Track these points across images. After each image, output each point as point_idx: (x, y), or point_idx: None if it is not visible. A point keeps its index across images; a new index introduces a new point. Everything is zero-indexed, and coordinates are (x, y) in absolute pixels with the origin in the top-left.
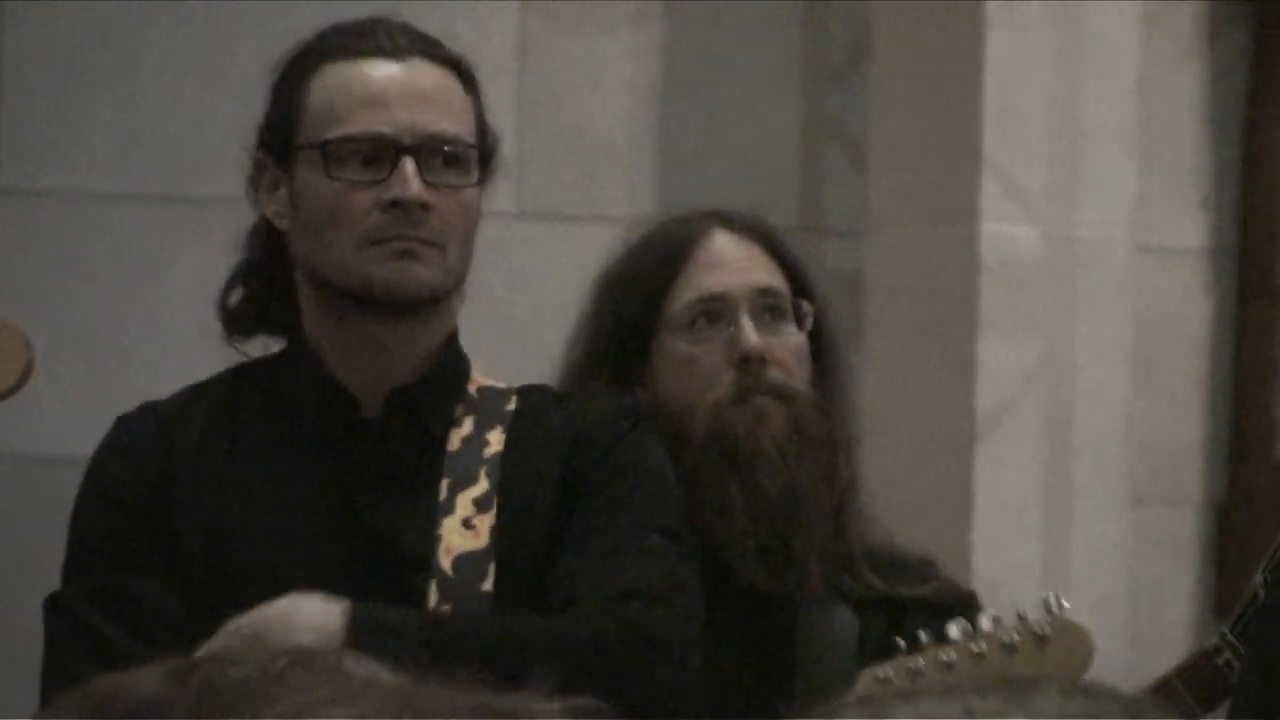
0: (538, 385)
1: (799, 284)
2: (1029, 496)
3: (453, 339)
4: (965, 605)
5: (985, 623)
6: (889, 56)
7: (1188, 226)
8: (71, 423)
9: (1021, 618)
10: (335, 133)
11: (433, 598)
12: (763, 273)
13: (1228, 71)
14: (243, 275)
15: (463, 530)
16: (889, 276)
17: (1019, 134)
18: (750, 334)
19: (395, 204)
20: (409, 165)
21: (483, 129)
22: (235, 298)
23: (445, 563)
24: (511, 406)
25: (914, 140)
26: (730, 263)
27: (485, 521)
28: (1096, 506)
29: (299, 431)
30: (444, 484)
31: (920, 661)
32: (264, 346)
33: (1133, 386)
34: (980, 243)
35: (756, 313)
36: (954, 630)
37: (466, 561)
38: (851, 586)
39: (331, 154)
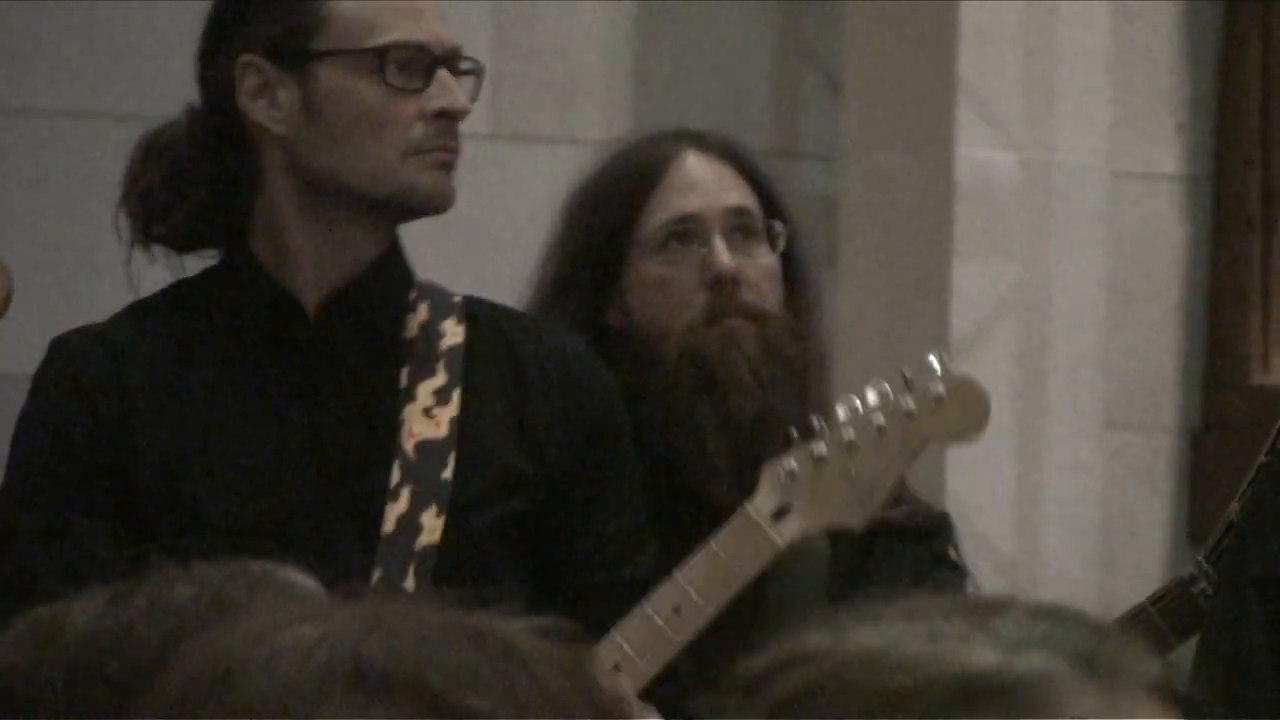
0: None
1: (771, 205)
2: (1002, 421)
3: (395, 238)
4: (938, 528)
5: (872, 396)
6: None
7: (1164, 153)
8: (44, 340)
9: (909, 383)
10: (385, 39)
11: (394, 477)
12: (735, 193)
13: None
14: (182, 184)
15: (423, 418)
16: (864, 201)
17: (995, 59)
18: (723, 255)
19: (441, 114)
20: (449, 77)
21: None
22: (186, 209)
23: (408, 445)
24: (458, 299)
25: (889, 65)
26: (702, 183)
27: (445, 413)
28: (1070, 432)
29: (251, 348)
30: (404, 371)
31: (822, 447)
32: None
33: (1107, 313)
34: (955, 167)
35: (728, 233)
36: (842, 410)
37: (428, 447)
38: None
39: (390, 59)
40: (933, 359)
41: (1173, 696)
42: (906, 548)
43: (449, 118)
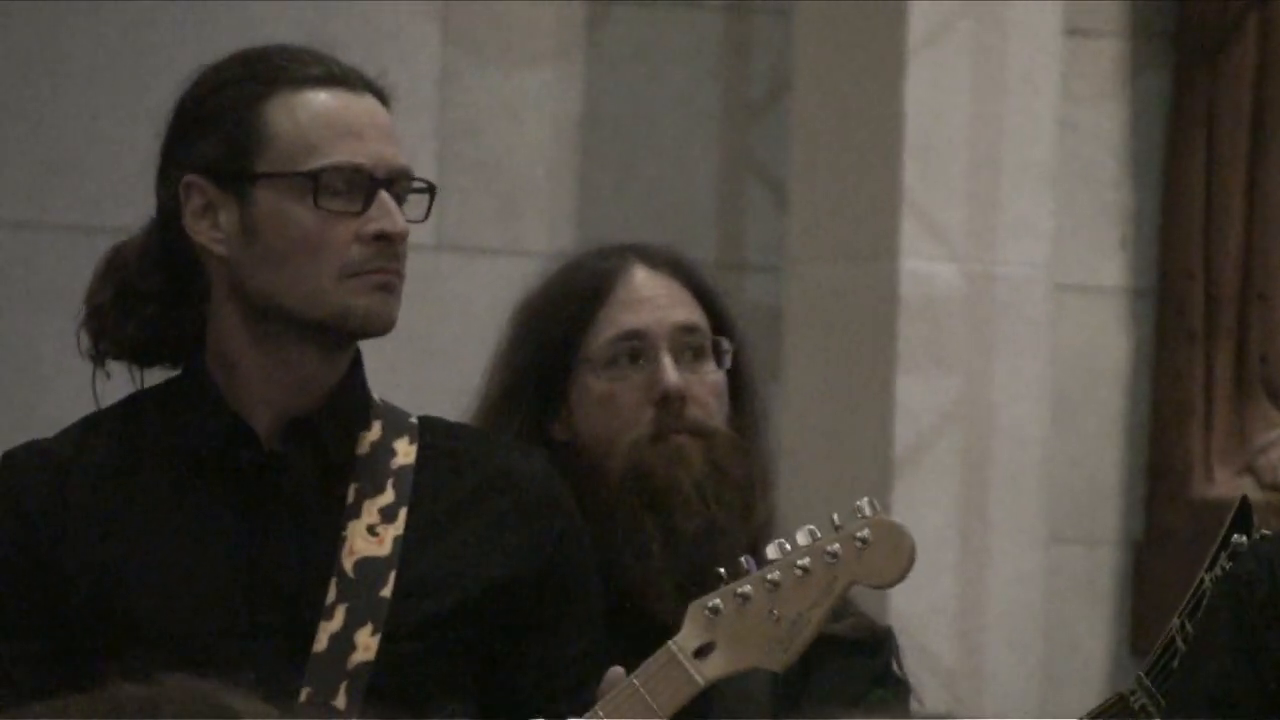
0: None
1: (718, 320)
2: (946, 534)
3: (356, 363)
4: (881, 642)
5: (802, 537)
6: (810, 93)
7: (1106, 266)
8: None
9: (838, 527)
10: (321, 162)
11: (330, 596)
12: (682, 310)
13: (1147, 112)
14: (132, 300)
15: (367, 535)
16: (808, 312)
17: (939, 171)
18: (670, 372)
19: (379, 236)
20: (389, 199)
21: None
22: (117, 323)
23: (348, 564)
24: (414, 420)
25: (834, 176)
26: (650, 299)
27: (389, 531)
28: (1013, 545)
29: (200, 468)
30: (352, 488)
31: (747, 586)
32: (127, 371)
33: (1050, 425)
34: (899, 279)
35: (677, 350)
36: (772, 550)
37: (368, 565)
38: None
39: (323, 184)
40: (863, 503)
41: None
42: (850, 662)
43: (387, 240)
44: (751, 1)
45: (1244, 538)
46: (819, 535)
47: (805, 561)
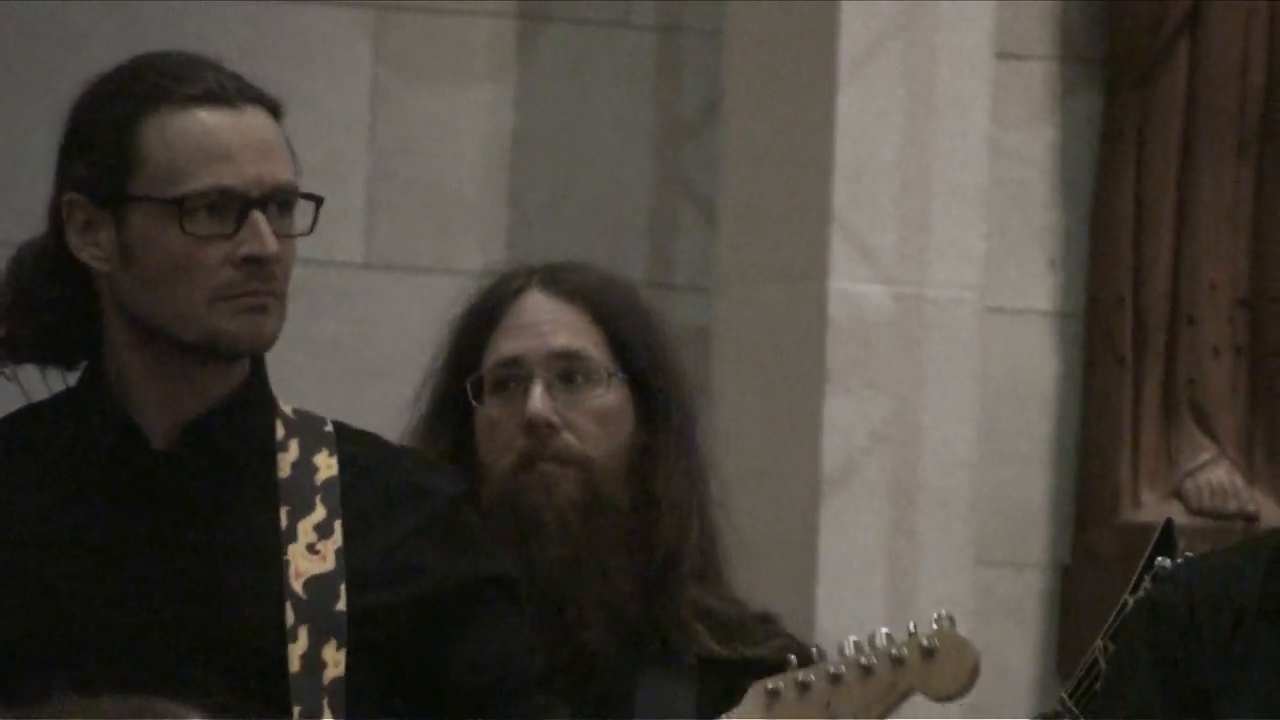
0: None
1: (619, 346)
2: (873, 555)
3: (257, 365)
4: (805, 664)
5: (880, 638)
6: (741, 113)
7: (1036, 288)
8: None
9: (911, 633)
10: (187, 188)
11: (290, 618)
12: (565, 335)
13: (1077, 134)
14: (29, 304)
15: (308, 555)
16: (737, 333)
17: (869, 193)
18: (534, 400)
19: (250, 259)
20: (261, 221)
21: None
22: (15, 325)
23: (297, 586)
24: (329, 428)
25: (764, 197)
26: (531, 326)
27: (329, 546)
28: (941, 567)
29: (95, 477)
30: (283, 512)
31: (810, 675)
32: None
33: (979, 448)
34: (829, 300)
35: (552, 378)
36: (846, 645)
37: (317, 583)
38: (688, 648)
39: (188, 209)
40: (938, 614)
41: None
42: None
43: (258, 262)
44: (683, 22)
45: (1167, 561)
46: (889, 637)
47: (871, 661)
